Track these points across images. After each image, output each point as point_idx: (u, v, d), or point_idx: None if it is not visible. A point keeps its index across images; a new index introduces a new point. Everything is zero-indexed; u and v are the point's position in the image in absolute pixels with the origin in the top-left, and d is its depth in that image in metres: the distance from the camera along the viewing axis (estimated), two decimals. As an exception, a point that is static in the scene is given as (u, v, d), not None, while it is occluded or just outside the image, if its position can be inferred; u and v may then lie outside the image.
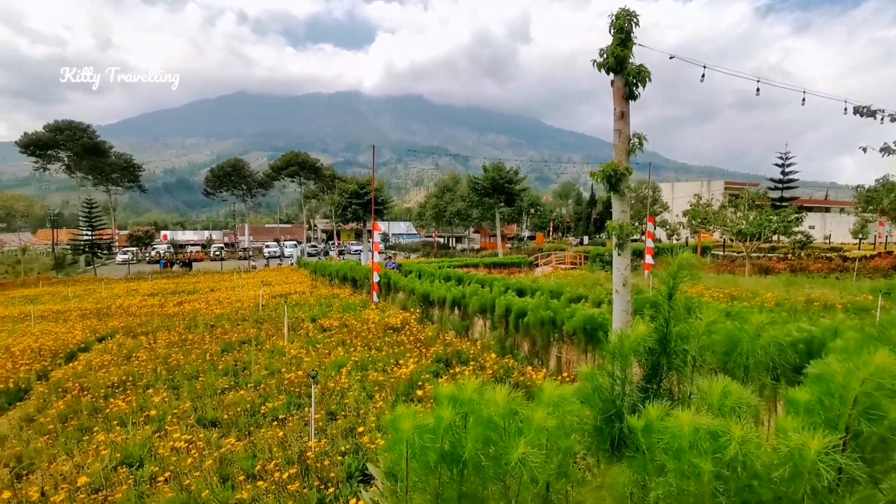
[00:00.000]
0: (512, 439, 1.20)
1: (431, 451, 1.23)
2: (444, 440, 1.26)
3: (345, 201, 46.55)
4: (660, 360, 1.54)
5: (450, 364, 8.06)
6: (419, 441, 1.23)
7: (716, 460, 1.09)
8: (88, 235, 46.93)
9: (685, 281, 1.71)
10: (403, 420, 1.27)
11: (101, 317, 15.59)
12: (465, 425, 1.28)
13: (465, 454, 1.25)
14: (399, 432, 1.25)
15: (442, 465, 1.25)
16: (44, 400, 7.25)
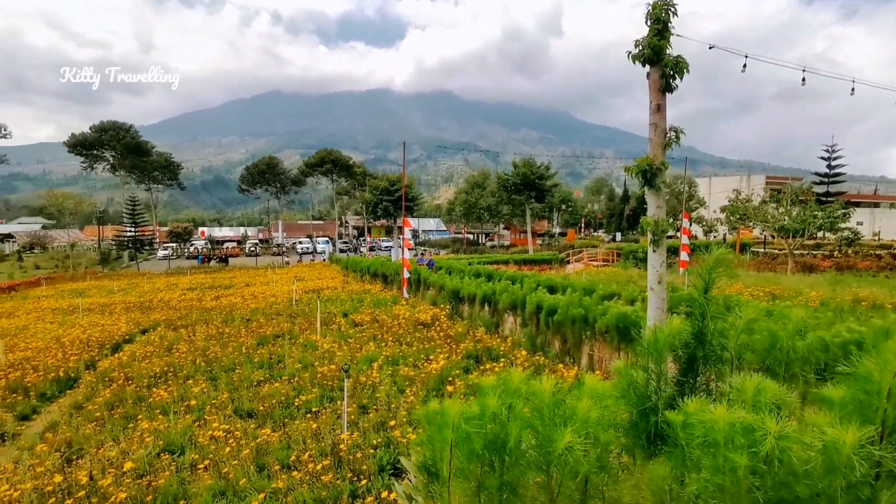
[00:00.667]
0: (557, 430, 1.20)
1: (477, 438, 1.24)
2: (488, 428, 1.27)
3: (375, 198, 47.02)
4: (696, 354, 1.50)
5: (480, 360, 8.07)
6: (464, 428, 1.24)
7: (751, 455, 1.06)
8: (132, 232, 48.88)
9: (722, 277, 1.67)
10: (451, 406, 1.28)
11: (144, 310, 16.21)
12: (509, 415, 1.29)
13: (509, 442, 1.25)
14: (445, 417, 1.27)
15: (486, 452, 1.26)
16: (92, 388, 7.59)
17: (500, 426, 1.27)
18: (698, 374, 1.53)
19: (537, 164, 49.50)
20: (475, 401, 1.34)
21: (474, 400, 1.36)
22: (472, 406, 1.30)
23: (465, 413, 1.25)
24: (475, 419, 1.25)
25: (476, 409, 1.27)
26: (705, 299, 1.51)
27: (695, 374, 1.52)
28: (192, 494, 4.18)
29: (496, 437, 1.26)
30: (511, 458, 1.26)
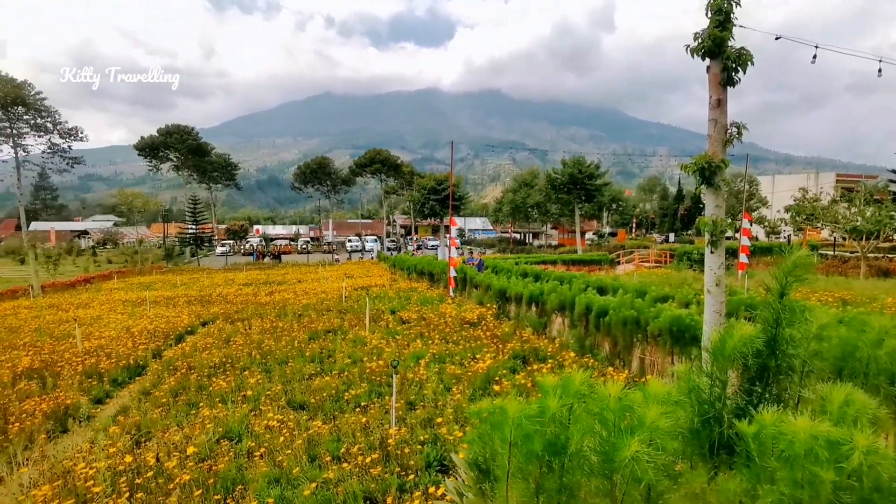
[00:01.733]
0: (623, 437, 1.18)
1: (537, 438, 1.23)
2: (548, 429, 1.26)
3: (423, 197, 47.46)
4: (767, 363, 1.43)
5: (527, 361, 7.99)
6: (525, 427, 1.23)
7: (837, 470, 1.00)
8: (193, 229, 51.58)
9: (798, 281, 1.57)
10: (510, 404, 1.28)
11: (204, 303, 17.05)
12: (570, 417, 1.27)
13: (570, 445, 1.23)
14: (504, 415, 1.26)
15: (545, 453, 1.24)
16: (158, 376, 8.06)
17: (561, 428, 1.25)
18: (769, 384, 1.45)
19: (587, 162, 48.47)
20: (535, 400, 1.33)
21: (533, 400, 1.35)
22: (531, 406, 1.29)
23: (525, 412, 1.24)
24: (535, 419, 1.24)
25: (535, 408, 1.25)
26: (780, 305, 1.43)
27: (766, 382, 1.44)
28: (250, 480, 4.37)
29: (556, 439, 1.25)
30: (572, 462, 1.24)
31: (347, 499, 3.96)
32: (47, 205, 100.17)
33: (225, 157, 72.72)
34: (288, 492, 4.12)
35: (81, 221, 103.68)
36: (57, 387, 7.62)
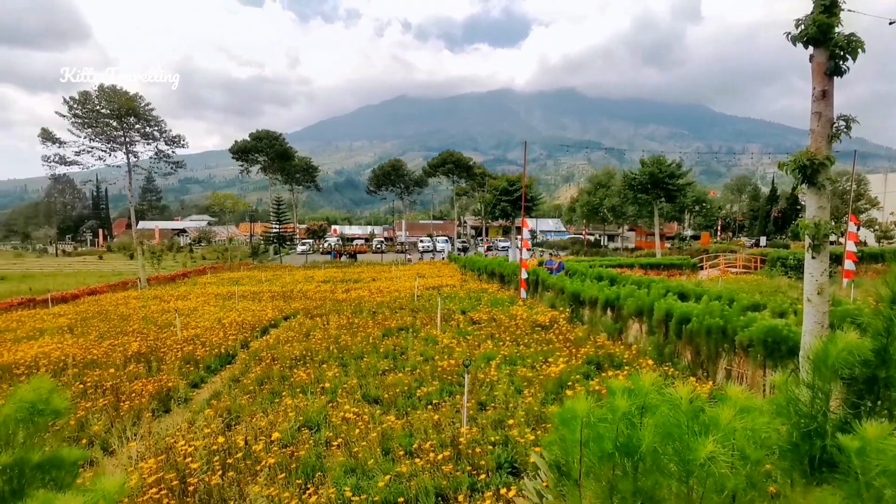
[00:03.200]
0: (696, 438, 1.13)
1: (607, 439, 1.20)
2: (619, 430, 1.23)
3: (494, 198, 47.30)
4: (876, 373, 1.30)
5: (601, 367, 7.75)
6: (597, 427, 1.21)
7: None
8: (277, 228, 54.81)
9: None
10: (580, 404, 1.27)
11: (286, 299, 18.06)
12: (641, 418, 1.24)
13: (641, 446, 1.20)
14: (574, 414, 1.25)
15: (617, 455, 1.22)
16: (246, 365, 8.65)
17: (632, 428, 1.22)
18: (879, 398, 1.32)
19: (667, 161, 46.11)
20: (605, 401, 1.30)
21: (604, 401, 1.32)
22: (602, 406, 1.26)
23: (595, 412, 1.22)
24: (606, 420, 1.21)
25: (605, 408, 1.23)
26: (893, 311, 1.30)
27: (875, 396, 1.31)
28: (328, 468, 4.58)
29: (628, 440, 1.21)
30: (645, 464, 1.20)
31: (420, 493, 4.05)
32: (152, 205, 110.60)
33: (306, 160, 76.56)
34: (363, 482, 4.28)
35: (180, 221, 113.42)
36: (160, 370, 8.40)
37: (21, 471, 0.94)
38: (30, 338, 11.76)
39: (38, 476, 0.96)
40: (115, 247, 74.16)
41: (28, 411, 1.04)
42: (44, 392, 1.14)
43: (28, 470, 0.94)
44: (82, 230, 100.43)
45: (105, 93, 29.66)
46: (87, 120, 29.52)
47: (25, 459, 0.94)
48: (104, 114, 29.66)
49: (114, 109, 29.51)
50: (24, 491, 0.92)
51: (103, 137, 29.99)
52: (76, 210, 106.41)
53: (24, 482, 0.94)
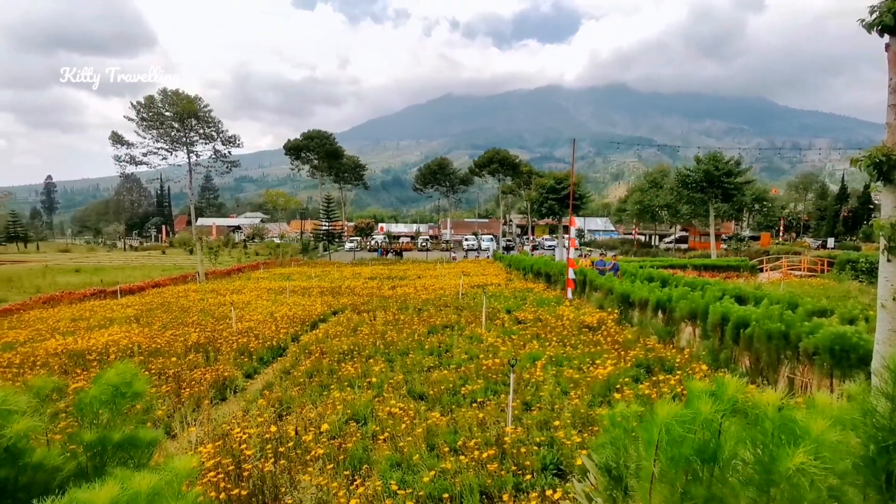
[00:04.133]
0: (785, 448, 1.08)
1: (686, 443, 1.17)
2: (698, 434, 1.20)
3: (541, 196, 46.70)
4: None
5: (651, 371, 7.52)
6: (676, 430, 1.18)
7: None
8: (326, 226, 56.33)
9: None
10: (661, 406, 1.24)
11: (334, 294, 18.52)
12: (721, 424, 1.20)
13: (723, 453, 1.16)
14: (654, 416, 1.23)
15: (694, 460, 1.18)
16: (296, 358, 8.95)
17: (712, 434, 1.18)
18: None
19: (724, 158, 44.06)
20: (685, 403, 1.26)
21: (682, 403, 1.28)
22: (682, 409, 1.22)
23: (676, 414, 1.18)
24: (686, 423, 1.18)
25: (687, 412, 1.19)
26: None
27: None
28: (374, 461, 4.68)
29: (706, 445, 1.17)
30: (723, 471, 1.16)
31: (464, 491, 4.06)
32: (210, 203, 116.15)
33: (354, 159, 78.10)
34: (409, 476, 4.34)
35: (235, 218, 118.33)
36: (217, 360, 8.81)
37: (104, 448, 1.02)
38: (101, 326, 12.61)
39: (118, 454, 1.04)
40: (176, 242, 78.33)
41: (112, 394, 1.13)
42: (128, 376, 1.22)
43: (110, 448, 1.02)
44: (147, 226, 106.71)
45: (168, 96, 31.36)
46: (152, 122, 31.32)
47: (107, 438, 1.02)
48: (167, 116, 31.37)
49: (176, 112, 31.16)
50: (105, 467, 1.00)
51: (167, 139, 31.73)
52: (142, 207, 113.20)
53: (105, 459, 1.02)
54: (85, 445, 1.01)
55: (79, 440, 1.01)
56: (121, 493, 0.77)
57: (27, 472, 0.90)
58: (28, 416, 0.95)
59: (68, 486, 0.90)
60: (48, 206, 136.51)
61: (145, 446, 1.08)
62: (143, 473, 0.83)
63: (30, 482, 0.90)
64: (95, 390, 1.14)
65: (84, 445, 1.01)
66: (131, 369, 1.27)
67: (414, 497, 3.99)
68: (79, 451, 1.03)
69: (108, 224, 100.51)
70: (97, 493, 0.76)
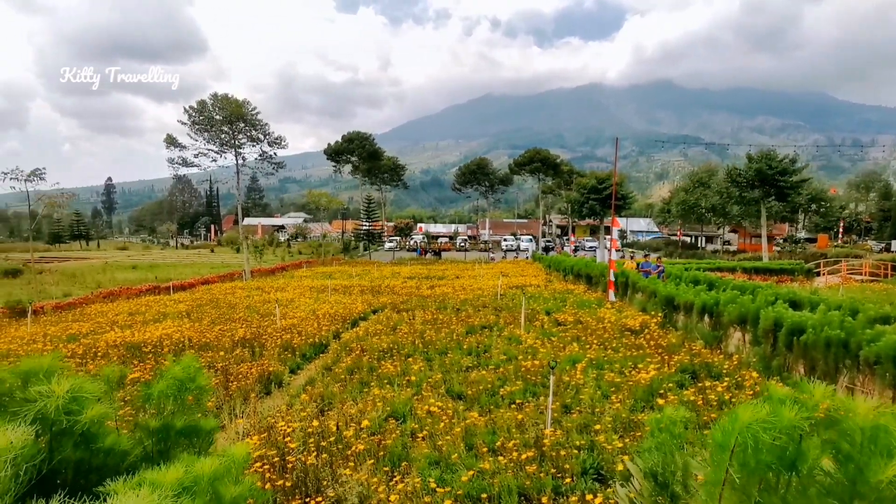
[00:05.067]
0: (876, 458, 1.03)
1: (765, 450, 1.14)
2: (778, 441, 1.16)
3: (582, 197, 45.96)
4: None
5: (697, 377, 7.27)
6: (757, 435, 1.15)
7: None
8: (367, 226, 57.28)
9: None
10: (743, 410, 1.21)
11: (374, 293, 18.80)
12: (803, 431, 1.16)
13: (806, 461, 1.12)
14: (735, 421, 1.19)
15: (774, 467, 1.15)
16: (337, 355, 9.13)
17: (792, 440, 1.14)
18: None
19: (778, 156, 42.03)
20: (765, 407, 1.22)
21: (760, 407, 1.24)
22: (764, 414, 1.19)
23: (759, 419, 1.15)
24: (766, 428, 1.14)
25: (770, 417, 1.16)
26: None
27: None
28: (413, 458, 4.73)
29: (785, 452, 1.14)
30: (806, 480, 1.12)
31: (502, 491, 4.05)
32: (256, 203, 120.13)
33: (394, 159, 79.06)
34: (447, 475, 4.36)
35: (280, 218, 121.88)
36: (262, 355, 9.11)
37: (168, 434, 1.09)
38: (155, 321, 13.26)
39: (181, 440, 1.11)
40: (224, 241, 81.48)
41: (177, 388, 1.20)
42: (191, 371, 1.30)
43: (173, 434, 1.09)
44: (197, 225, 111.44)
45: (218, 100, 32.63)
46: (203, 126, 32.67)
47: (171, 425, 1.09)
48: (217, 120, 32.64)
49: (225, 116, 32.38)
50: (169, 452, 1.07)
51: (217, 141, 33.03)
52: (193, 207, 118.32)
53: (169, 444, 1.09)
54: (151, 432, 1.08)
55: (145, 427, 1.09)
56: (185, 475, 0.82)
57: (100, 455, 0.98)
58: (100, 402, 1.03)
59: (136, 468, 0.97)
60: (108, 206, 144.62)
61: (205, 434, 1.15)
62: (204, 458, 0.88)
63: (102, 464, 0.98)
64: (163, 384, 1.22)
65: (150, 432, 1.08)
66: (195, 365, 1.34)
67: (452, 496, 4.01)
68: (144, 438, 1.10)
69: (162, 223, 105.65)
70: (165, 474, 0.82)
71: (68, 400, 0.92)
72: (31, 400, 0.90)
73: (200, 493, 0.78)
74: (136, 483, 0.78)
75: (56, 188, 35.22)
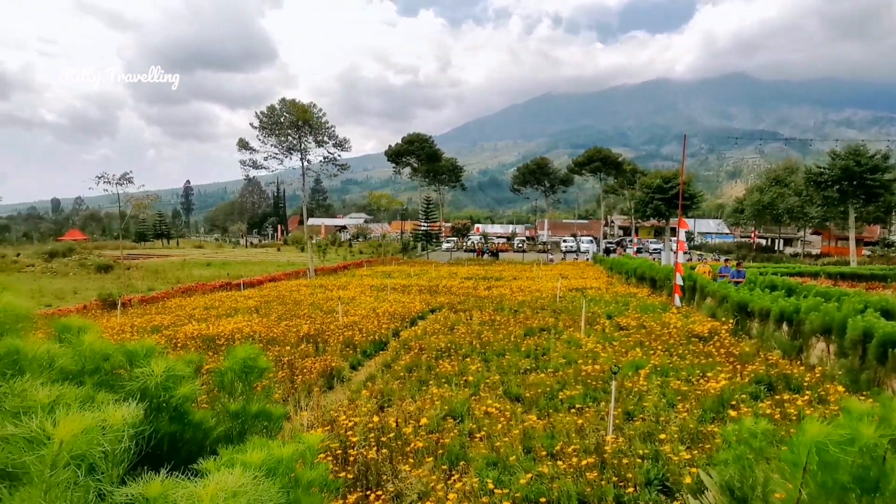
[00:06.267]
0: None
1: (842, 469, 1.06)
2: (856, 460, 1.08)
3: (646, 196, 44.26)
4: None
5: (773, 389, 6.81)
6: (823, 454, 1.07)
7: None
8: (425, 226, 57.97)
9: None
10: (811, 424, 1.14)
11: (432, 293, 18.98)
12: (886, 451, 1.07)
13: (888, 483, 1.04)
14: (804, 436, 1.12)
15: (852, 488, 1.07)
16: (396, 353, 9.30)
17: (874, 460, 1.05)
18: None
19: (869, 151, 38.53)
20: (841, 423, 1.14)
21: (836, 423, 1.15)
22: (838, 430, 1.10)
23: (830, 437, 1.07)
24: (843, 445, 1.06)
25: (845, 434, 1.07)
26: None
27: None
28: (470, 458, 4.73)
29: (866, 472, 1.05)
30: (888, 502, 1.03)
31: (561, 497, 3.98)
32: (320, 204, 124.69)
33: (452, 160, 79.47)
34: (505, 476, 4.33)
35: (341, 218, 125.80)
36: (325, 351, 9.43)
37: (245, 417, 1.16)
38: (227, 315, 14.06)
39: (255, 424, 1.18)
40: (290, 240, 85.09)
41: (242, 367, 1.28)
42: (253, 353, 1.37)
43: (248, 418, 1.16)
44: (265, 225, 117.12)
45: (286, 105, 34.14)
46: (271, 130, 34.31)
47: (247, 409, 1.16)
48: (284, 124, 34.17)
49: (292, 120, 33.84)
50: (244, 434, 1.14)
51: (285, 144, 34.58)
52: (261, 208, 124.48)
53: (245, 427, 1.16)
54: (231, 414, 1.16)
55: (225, 408, 1.17)
56: (268, 456, 0.88)
57: (190, 430, 1.07)
58: (189, 382, 1.12)
59: (217, 446, 1.04)
60: (186, 206, 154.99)
61: (275, 419, 1.22)
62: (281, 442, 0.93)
63: (191, 438, 1.06)
64: (229, 362, 1.30)
65: (230, 414, 1.16)
66: (255, 349, 1.43)
67: (510, 498, 3.98)
68: (224, 418, 1.18)
69: (233, 223, 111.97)
70: (251, 455, 0.87)
71: (165, 378, 1.02)
72: (136, 378, 1.00)
73: (281, 474, 0.83)
74: (228, 462, 0.84)
75: (142, 191, 38.21)
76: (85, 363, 0.99)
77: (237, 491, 0.69)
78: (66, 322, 1.11)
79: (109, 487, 0.74)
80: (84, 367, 0.99)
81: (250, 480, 0.73)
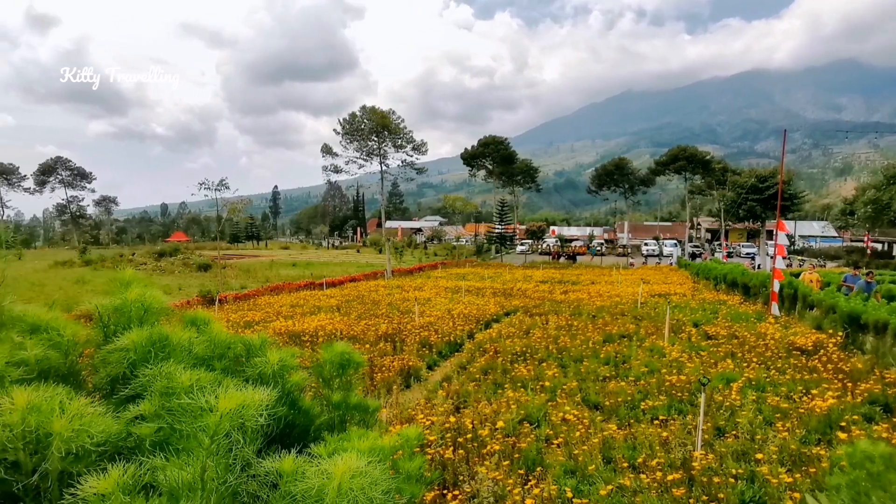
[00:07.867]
0: None
1: None
2: None
3: (738, 197, 41.28)
4: None
5: (890, 410, 6.10)
6: None
7: None
8: (500, 229, 57.79)
9: None
10: None
11: (507, 296, 18.87)
12: None
13: None
14: None
15: None
16: (471, 354, 9.35)
17: None
18: None
19: None
20: None
21: None
22: None
23: None
24: None
25: None
26: None
27: None
28: (548, 464, 4.67)
29: None
30: None
31: (645, 511, 3.81)
32: (397, 207, 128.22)
33: (528, 162, 78.55)
34: (584, 486, 4.23)
35: (417, 221, 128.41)
36: (402, 350, 9.68)
37: (345, 407, 1.24)
38: (311, 313, 14.82)
39: (354, 414, 1.25)
40: (368, 242, 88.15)
41: (340, 360, 1.36)
42: (348, 349, 1.46)
43: (348, 408, 1.24)
44: (346, 228, 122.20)
45: (366, 112, 35.52)
46: (352, 136, 35.83)
47: (347, 399, 1.24)
48: (365, 130, 35.56)
49: (372, 126, 35.14)
50: (345, 423, 1.22)
51: (365, 150, 35.96)
52: (342, 211, 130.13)
53: (345, 417, 1.24)
54: (333, 404, 1.25)
55: (327, 398, 1.26)
56: (374, 445, 0.94)
57: (300, 415, 1.16)
58: (299, 372, 1.22)
59: (320, 432, 1.13)
60: (274, 210, 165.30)
61: (371, 412, 1.29)
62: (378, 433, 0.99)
63: (301, 423, 1.16)
64: (328, 355, 1.39)
65: (332, 404, 1.25)
66: (349, 347, 1.51)
67: (590, 508, 3.87)
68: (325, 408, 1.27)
69: (316, 226, 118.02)
70: (360, 443, 0.94)
71: (279, 367, 1.12)
72: (253, 365, 1.11)
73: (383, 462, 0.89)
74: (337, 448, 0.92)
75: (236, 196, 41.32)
76: (214, 350, 1.12)
77: (357, 472, 0.75)
78: (193, 314, 1.26)
79: (255, 459, 0.83)
80: (214, 354, 1.12)
81: (365, 465, 0.79)
